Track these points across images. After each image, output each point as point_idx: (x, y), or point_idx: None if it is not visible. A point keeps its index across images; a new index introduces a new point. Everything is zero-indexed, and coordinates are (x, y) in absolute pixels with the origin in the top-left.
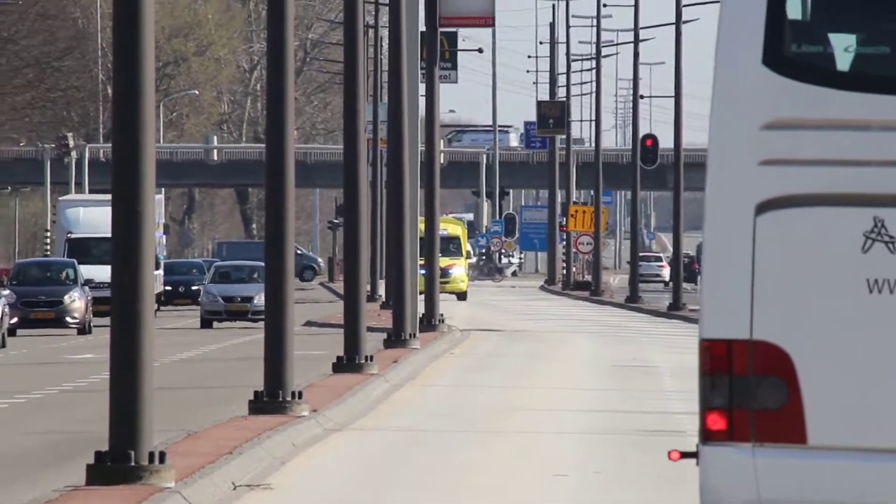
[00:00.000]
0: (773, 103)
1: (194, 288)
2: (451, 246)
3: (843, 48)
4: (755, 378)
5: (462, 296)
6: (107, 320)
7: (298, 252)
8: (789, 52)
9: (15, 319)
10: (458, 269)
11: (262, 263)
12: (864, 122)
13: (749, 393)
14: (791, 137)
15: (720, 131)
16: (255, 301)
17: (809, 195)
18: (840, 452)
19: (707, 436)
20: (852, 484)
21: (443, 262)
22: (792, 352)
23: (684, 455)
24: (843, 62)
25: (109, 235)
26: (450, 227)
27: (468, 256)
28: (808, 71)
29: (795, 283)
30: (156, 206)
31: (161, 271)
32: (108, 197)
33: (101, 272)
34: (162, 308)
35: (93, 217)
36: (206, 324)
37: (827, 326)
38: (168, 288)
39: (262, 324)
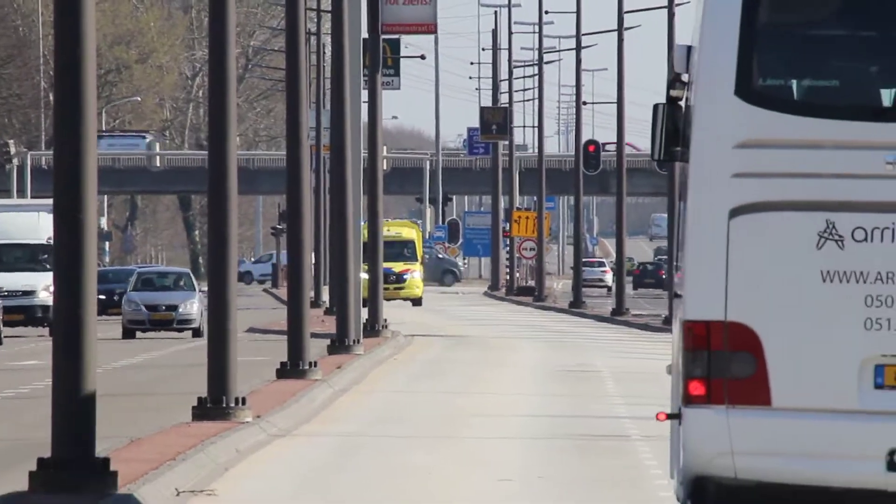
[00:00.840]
0: (744, 127)
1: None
2: (405, 250)
3: (799, 82)
4: (729, 353)
5: (417, 301)
6: (16, 330)
7: (440, 257)
8: (756, 85)
9: None
10: (414, 274)
11: (188, 270)
12: (817, 142)
13: (724, 365)
14: (758, 155)
15: (700, 149)
16: (181, 310)
17: (773, 202)
18: (798, 412)
19: (689, 400)
20: (808, 437)
21: (396, 266)
22: (759, 331)
23: (669, 416)
24: (800, 93)
25: (19, 242)
26: (404, 230)
27: (422, 261)
28: (771, 100)
29: (762, 274)
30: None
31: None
32: (18, 202)
33: (11, 280)
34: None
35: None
36: (128, 334)
37: (788, 310)
38: (102, 297)
39: (187, 334)
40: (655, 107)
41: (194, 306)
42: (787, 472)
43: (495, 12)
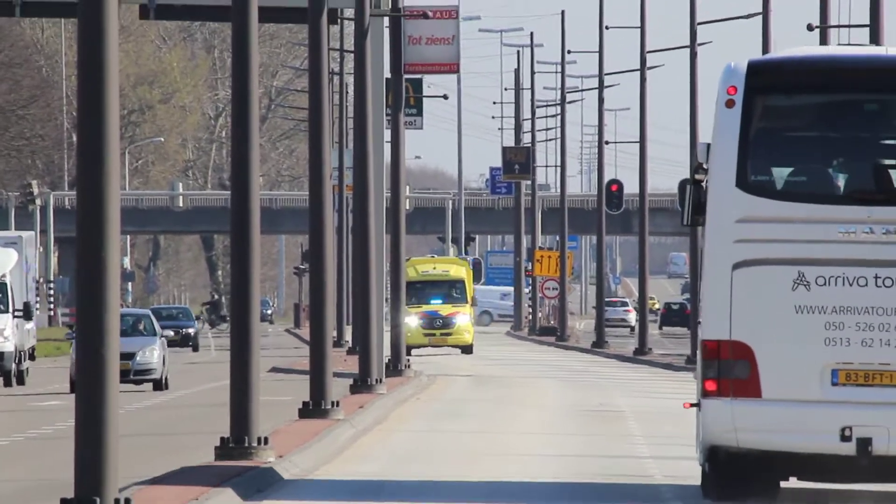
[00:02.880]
0: (741, 209)
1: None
2: (453, 291)
3: (780, 177)
4: (732, 361)
5: (468, 349)
6: None
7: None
8: (749, 179)
9: None
10: (462, 318)
11: (148, 311)
12: (792, 218)
13: (729, 369)
14: (752, 227)
15: (712, 224)
16: (139, 358)
17: (762, 259)
18: (780, 402)
19: (705, 394)
20: (786, 419)
21: (444, 309)
22: (753, 346)
23: (693, 405)
24: (779, 185)
25: None
26: (452, 268)
27: (474, 303)
28: (760, 190)
29: (754, 308)
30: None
31: (33, 323)
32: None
33: None
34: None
35: None
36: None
37: (773, 332)
38: None
39: (147, 386)
40: (682, 184)
41: (154, 354)
42: (771, 442)
43: (518, 52)
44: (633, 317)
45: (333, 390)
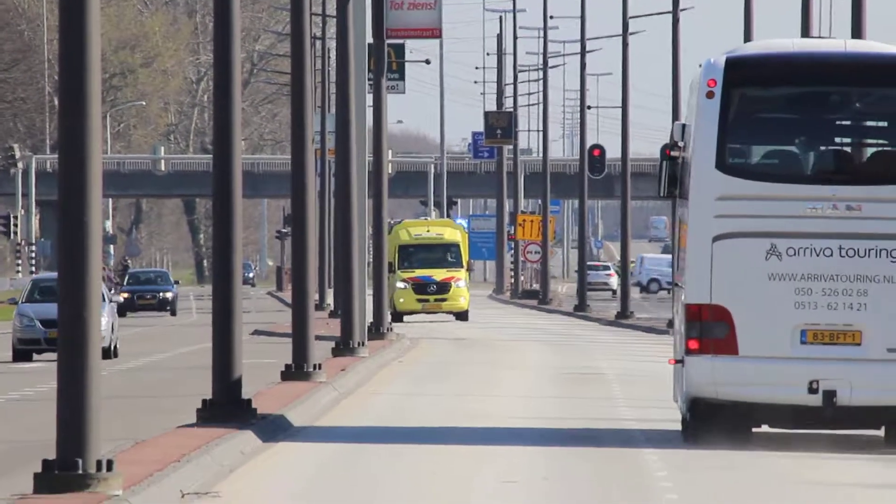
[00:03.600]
0: (720, 187)
1: None
2: (448, 255)
3: (753, 160)
4: (712, 322)
5: (462, 315)
6: None
7: None
8: (726, 163)
9: None
10: (458, 284)
11: None
12: (765, 196)
13: (709, 329)
14: (730, 204)
15: (695, 201)
16: None
17: (739, 232)
18: (755, 358)
19: (688, 351)
20: (760, 373)
21: (437, 273)
22: (731, 309)
23: (677, 362)
24: (754, 167)
25: None
26: (446, 231)
27: (469, 268)
28: (737, 171)
29: (732, 275)
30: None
31: None
32: None
33: None
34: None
35: None
36: (20, 356)
37: (749, 296)
38: None
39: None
40: (663, 149)
41: (102, 321)
42: (747, 394)
43: (500, 17)
44: (615, 280)
45: (315, 353)
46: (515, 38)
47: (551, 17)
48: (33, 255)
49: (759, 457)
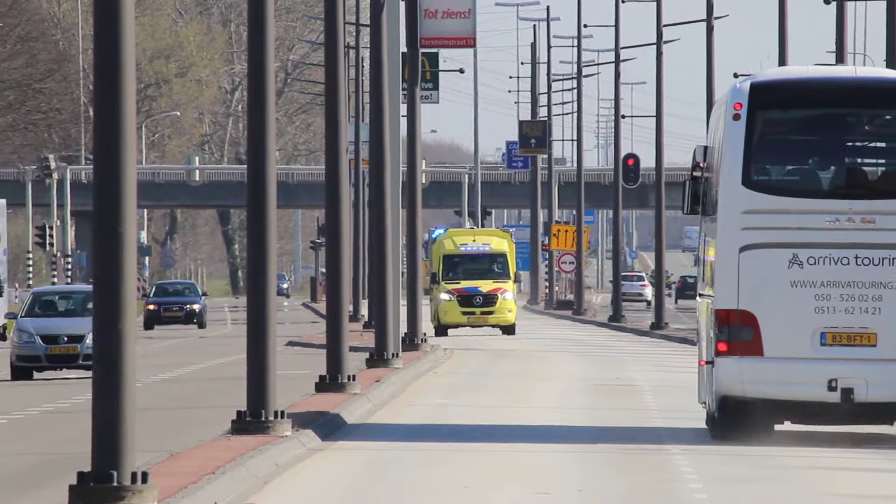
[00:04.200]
0: (746, 201)
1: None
2: (494, 265)
3: (777, 177)
4: (739, 326)
5: (509, 329)
6: None
7: None
8: (752, 179)
9: None
10: (505, 295)
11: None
12: (787, 210)
13: (737, 333)
14: (755, 218)
15: (724, 215)
16: (89, 341)
17: (764, 243)
18: (779, 359)
19: (718, 353)
20: (784, 373)
21: (484, 285)
22: (757, 314)
23: (707, 363)
24: (777, 183)
25: None
26: (493, 240)
27: (517, 279)
28: (761, 187)
29: (757, 283)
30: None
31: (3, 299)
32: None
33: None
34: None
35: None
36: (20, 373)
37: (773, 302)
38: None
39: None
40: (687, 179)
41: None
42: (771, 392)
43: (534, 26)
44: (649, 291)
45: (350, 364)
46: (549, 47)
47: (585, 26)
48: (69, 266)
49: (794, 468)
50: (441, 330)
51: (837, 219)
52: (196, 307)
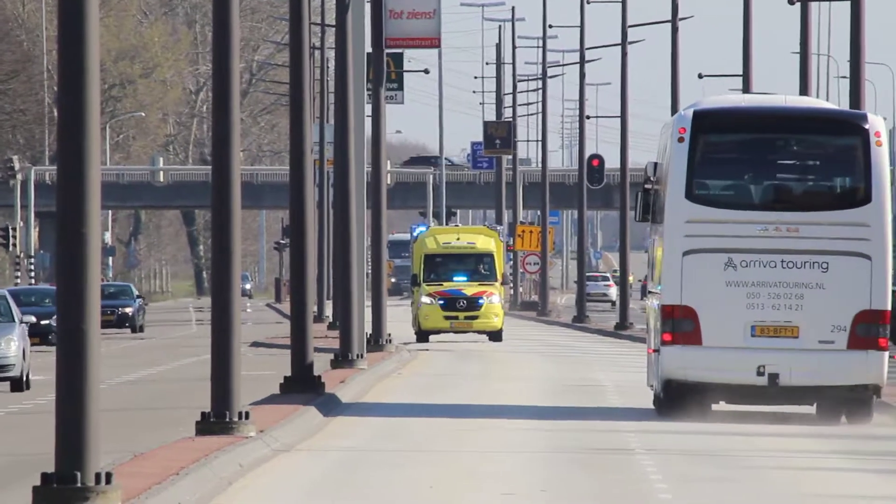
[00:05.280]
0: (689, 212)
1: (45, 323)
2: (480, 266)
3: (716, 191)
4: (681, 319)
5: (496, 335)
6: None
7: None
8: (694, 193)
9: None
10: (492, 299)
11: (5, 292)
12: (723, 220)
13: (679, 325)
14: (696, 226)
15: (670, 224)
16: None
17: (703, 248)
18: (716, 348)
19: (663, 342)
20: (720, 360)
21: (468, 288)
22: (697, 309)
23: (654, 351)
24: (715, 197)
25: None
26: (479, 239)
27: (504, 281)
28: (702, 200)
29: (697, 282)
30: None
31: None
32: None
33: None
34: None
35: None
36: None
37: (710, 299)
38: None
39: (3, 386)
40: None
41: (12, 345)
42: (709, 376)
43: (499, 27)
44: (613, 291)
45: (315, 365)
46: (514, 47)
47: (550, 27)
48: (32, 267)
49: (758, 467)
50: (422, 336)
51: (766, 228)
52: (129, 310)
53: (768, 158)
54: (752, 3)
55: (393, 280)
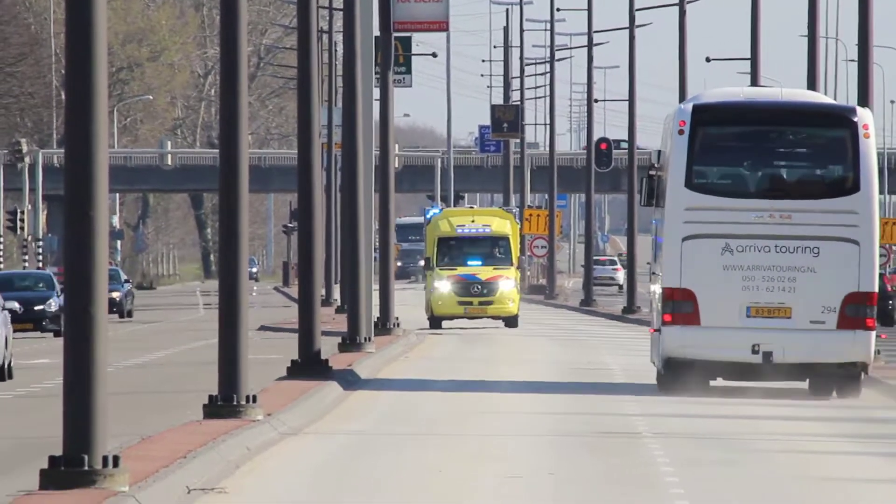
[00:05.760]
0: (688, 200)
1: (38, 308)
2: (496, 250)
3: (714, 180)
4: (681, 301)
5: (512, 321)
6: None
7: None
8: (693, 182)
9: None
10: (506, 284)
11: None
12: (722, 207)
13: (679, 306)
14: (695, 213)
15: (670, 210)
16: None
17: (702, 234)
18: (713, 328)
19: (664, 323)
20: (717, 338)
21: (483, 272)
22: (696, 291)
23: (656, 331)
24: (713, 185)
25: None
26: (494, 221)
27: (520, 265)
28: (701, 188)
29: (697, 266)
30: None
31: None
32: None
33: None
34: None
35: None
36: None
37: (709, 281)
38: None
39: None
40: (645, 176)
41: None
42: (707, 354)
43: (507, 10)
44: (621, 275)
45: (322, 348)
46: (522, 30)
47: (558, 10)
48: (40, 250)
49: (764, 450)
50: (435, 322)
51: (761, 215)
52: (116, 295)
53: (763, 149)
54: None
55: (399, 264)
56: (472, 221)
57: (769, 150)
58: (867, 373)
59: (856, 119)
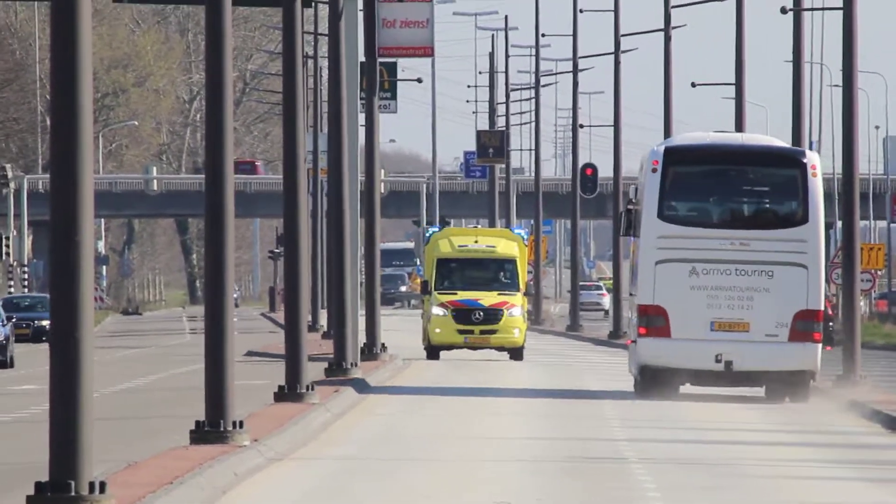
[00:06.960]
0: (660, 229)
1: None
2: (501, 273)
3: (682, 212)
4: (654, 316)
5: (517, 353)
6: None
7: None
8: (664, 214)
9: None
10: (513, 311)
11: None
12: (688, 236)
13: (653, 321)
14: (666, 241)
15: (644, 238)
16: None
17: (672, 258)
18: (682, 340)
19: (640, 334)
20: (685, 349)
21: (486, 298)
22: (667, 308)
23: (633, 342)
24: (682, 217)
25: None
26: (500, 243)
27: (527, 291)
28: (671, 219)
29: (668, 286)
30: None
31: None
32: None
33: None
34: None
35: None
36: None
37: (679, 299)
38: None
39: None
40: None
41: None
42: (676, 363)
43: (492, 36)
44: (607, 300)
45: (309, 374)
46: (507, 56)
47: (543, 36)
48: (26, 276)
49: (751, 475)
50: (432, 352)
51: (723, 243)
52: (46, 324)
53: (726, 186)
54: (745, 12)
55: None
56: (476, 241)
57: (731, 186)
58: (815, 380)
59: (805, 160)
